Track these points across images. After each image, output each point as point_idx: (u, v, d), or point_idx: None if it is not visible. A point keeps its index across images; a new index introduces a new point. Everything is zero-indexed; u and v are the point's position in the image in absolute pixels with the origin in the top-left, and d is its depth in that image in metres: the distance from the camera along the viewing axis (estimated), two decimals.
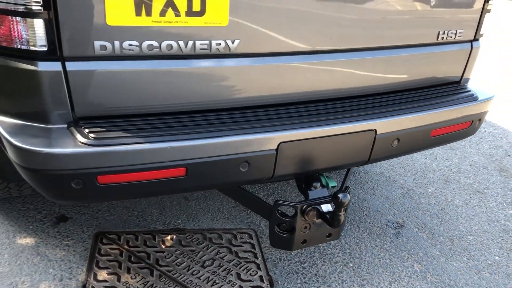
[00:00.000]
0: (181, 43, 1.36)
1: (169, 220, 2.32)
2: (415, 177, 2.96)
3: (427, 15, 1.74)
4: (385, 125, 1.63)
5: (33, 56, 1.25)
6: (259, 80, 1.52)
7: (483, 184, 2.94)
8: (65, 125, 1.34)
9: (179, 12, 1.32)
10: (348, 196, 1.54)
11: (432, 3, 1.72)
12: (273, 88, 1.55)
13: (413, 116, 1.68)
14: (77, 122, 1.34)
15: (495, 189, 2.90)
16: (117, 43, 1.29)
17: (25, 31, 1.23)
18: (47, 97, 1.29)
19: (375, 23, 1.63)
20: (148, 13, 1.29)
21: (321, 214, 1.62)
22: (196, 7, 1.33)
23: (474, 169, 3.13)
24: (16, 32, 1.23)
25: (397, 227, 2.43)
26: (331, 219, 1.59)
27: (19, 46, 1.25)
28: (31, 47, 1.24)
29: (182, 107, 1.45)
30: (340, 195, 1.54)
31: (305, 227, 1.66)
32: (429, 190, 2.82)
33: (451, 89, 1.90)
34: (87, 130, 1.30)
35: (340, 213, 1.56)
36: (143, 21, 1.29)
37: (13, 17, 1.22)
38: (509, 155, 3.37)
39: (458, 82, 1.99)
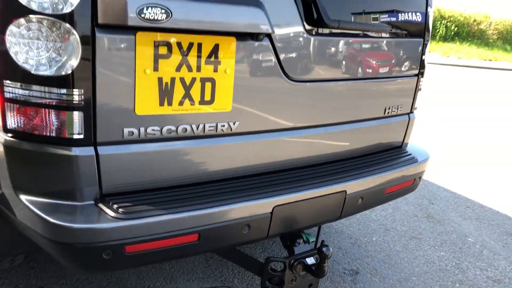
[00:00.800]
0: (194, 126, 1.60)
1: (148, 284, 2.43)
2: (359, 227, 3.33)
3: (377, 95, 2.15)
4: (352, 187, 1.95)
5: (69, 143, 1.42)
6: (254, 153, 1.79)
7: (416, 231, 3.37)
8: (93, 202, 1.49)
9: (194, 101, 1.57)
10: (331, 249, 1.82)
11: (381, 87, 2.13)
12: (265, 159, 1.83)
13: (372, 178, 2.03)
14: (103, 198, 1.50)
15: (427, 234, 3.34)
16: (142, 129, 1.51)
17: (64, 122, 1.40)
18: (79, 178, 1.45)
19: (341, 104, 2.00)
20: (169, 103, 1.52)
21: (306, 267, 1.87)
22: (207, 97, 1.59)
23: (407, 217, 3.58)
24: (56, 123, 1.40)
25: (353, 274, 2.73)
26: (317, 270, 1.85)
27: (57, 135, 1.41)
28: (68, 135, 1.41)
29: (193, 179, 1.66)
30: (324, 249, 1.81)
31: (292, 280, 1.89)
32: (373, 239, 3.19)
33: (396, 153, 2.29)
34: (115, 206, 1.47)
35: (325, 265, 1.83)
36: (165, 110, 1.52)
37: (56, 110, 1.39)
38: (432, 203, 3.88)
39: (400, 146, 2.40)
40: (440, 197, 4.03)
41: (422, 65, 2.30)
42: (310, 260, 1.89)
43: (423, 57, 2.29)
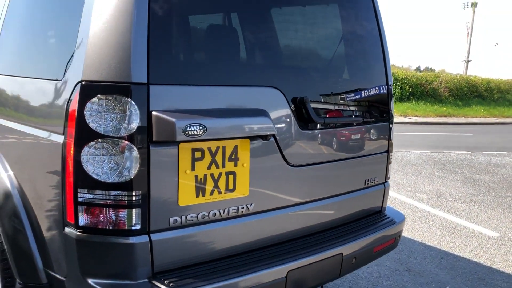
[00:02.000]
0: (221, 211, 2.01)
1: None
2: (350, 285, 3.69)
3: (358, 171, 2.63)
4: (347, 249, 2.36)
5: (128, 234, 1.80)
6: (267, 227, 2.20)
7: (400, 283, 3.76)
8: (147, 280, 1.84)
9: (220, 191, 1.99)
10: None
11: (361, 163, 2.62)
12: (276, 231, 2.24)
13: (362, 240, 2.46)
14: (155, 276, 1.86)
15: (409, 286, 3.73)
16: (183, 217, 1.90)
17: (125, 217, 1.78)
18: (136, 261, 1.81)
19: (331, 180, 2.46)
20: (203, 195, 1.94)
21: None
22: (230, 186, 2.01)
23: (390, 272, 3.97)
24: (118, 218, 1.78)
25: None
26: None
27: (119, 228, 1.79)
28: (128, 227, 1.79)
29: (223, 253, 2.05)
30: None
31: None
32: None
33: (378, 217, 2.74)
34: (166, 281, 1.83)
35: None
36: (200, 200, 1.93)
37: (118, 208, 1.77)
38: (410, 257, 4.31)
39: (380, 211, 2.86)
40: (417, 251, 4.47)
41: (390, 143, 2.81)
42: None
43: (390, 136, 2.81)
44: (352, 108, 2.57)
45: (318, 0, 2.63)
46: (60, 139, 1.84)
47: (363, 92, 2.66)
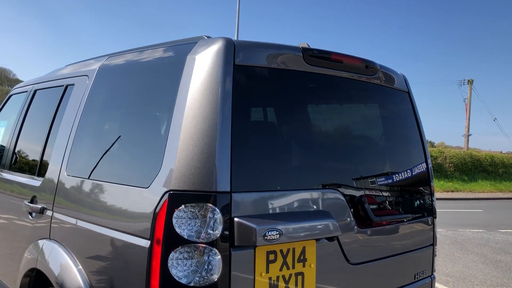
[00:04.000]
0: None
1: None
2: None
3: (409, 265, 2.72)
4: None
5: None
6: None
7: None
8: None
9: None
10: None
11: (411, 258, 2.71)
12: None
13: None
14: None
15: None
16: None
17: None
18: None
19: (388, 275, 2.55)
20: None
21: None
22: (299, 287, 2.09)
23: None
24: None
25: None
26: None
27: None
28: None
29: None
30: None
31: None
32: None
33: None
34: None
35: None
36: None
37: None
38: None
39: None
40: None
41: (434, 236, 2.92)
42: None
43: (435, 228, 2.93)
44: (403, 205, 2.71)
45: (365, 102, 2.85)
46: (145, 243, 1.94)
47: (412, 189, 2.82)
